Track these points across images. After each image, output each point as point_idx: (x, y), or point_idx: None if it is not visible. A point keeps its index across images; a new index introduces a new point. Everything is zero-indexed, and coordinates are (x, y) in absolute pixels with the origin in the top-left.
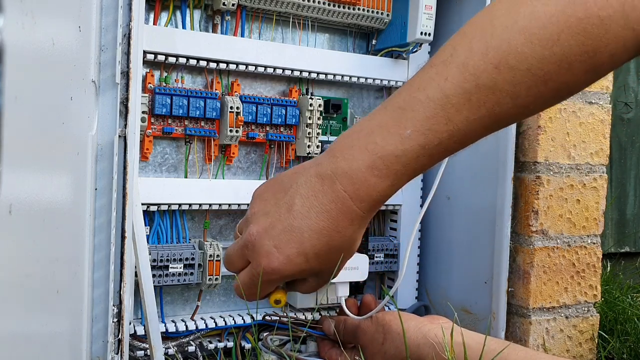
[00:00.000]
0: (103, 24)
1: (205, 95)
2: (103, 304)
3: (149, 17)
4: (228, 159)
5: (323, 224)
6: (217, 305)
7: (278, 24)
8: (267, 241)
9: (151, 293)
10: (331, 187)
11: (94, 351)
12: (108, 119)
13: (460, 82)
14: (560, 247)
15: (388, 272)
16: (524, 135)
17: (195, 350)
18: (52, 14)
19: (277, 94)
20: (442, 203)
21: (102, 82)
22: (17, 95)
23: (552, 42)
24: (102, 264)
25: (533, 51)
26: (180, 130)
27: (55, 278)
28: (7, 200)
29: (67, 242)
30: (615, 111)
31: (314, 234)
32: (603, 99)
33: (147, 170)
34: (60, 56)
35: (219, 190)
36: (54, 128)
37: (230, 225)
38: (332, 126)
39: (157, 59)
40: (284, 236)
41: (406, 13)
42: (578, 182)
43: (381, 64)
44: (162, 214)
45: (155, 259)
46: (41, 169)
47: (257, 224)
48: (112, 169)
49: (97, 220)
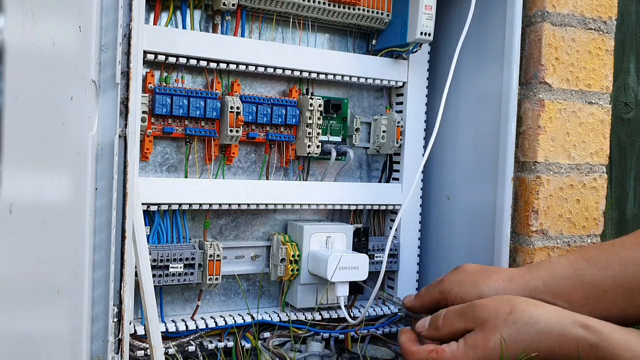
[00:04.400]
0: (103, 24)
1: (206, 95)
2: (103, 303)
3: (149, 17)
4: (228, 159)
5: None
6: (217, 305)
7: (278, 24)
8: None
9: (151, 293)
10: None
11: (94, 351)
12: (108, 119)
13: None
14: (560, 247)
15: (388, 272)
16: (524, 135)
17: (195, 350)
18: (53, 14)
19: (277, 94)
20: (442, 203)
21: (103, 82)
22: (18, 95)
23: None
24: (102, 263)
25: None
26: (180, 130)
27: (55, 278)
28: (7, 200)
29: (67, 242)
30: (615, 111)
31: None
32: (603, 99)
33: (147, 170)
34: (60, 56)
35: (219, 190)
36: (54, 128)
37: (230, 225)
38: (332, 126)
39: (157, 59)
40: None
41: (406, 13)
42: (578, 182)
43: (381, 64)
44: (163, 214)
45: (156, 258)
46: (41, 169)
47: None
48: (112, 168)
49: (97, 220)
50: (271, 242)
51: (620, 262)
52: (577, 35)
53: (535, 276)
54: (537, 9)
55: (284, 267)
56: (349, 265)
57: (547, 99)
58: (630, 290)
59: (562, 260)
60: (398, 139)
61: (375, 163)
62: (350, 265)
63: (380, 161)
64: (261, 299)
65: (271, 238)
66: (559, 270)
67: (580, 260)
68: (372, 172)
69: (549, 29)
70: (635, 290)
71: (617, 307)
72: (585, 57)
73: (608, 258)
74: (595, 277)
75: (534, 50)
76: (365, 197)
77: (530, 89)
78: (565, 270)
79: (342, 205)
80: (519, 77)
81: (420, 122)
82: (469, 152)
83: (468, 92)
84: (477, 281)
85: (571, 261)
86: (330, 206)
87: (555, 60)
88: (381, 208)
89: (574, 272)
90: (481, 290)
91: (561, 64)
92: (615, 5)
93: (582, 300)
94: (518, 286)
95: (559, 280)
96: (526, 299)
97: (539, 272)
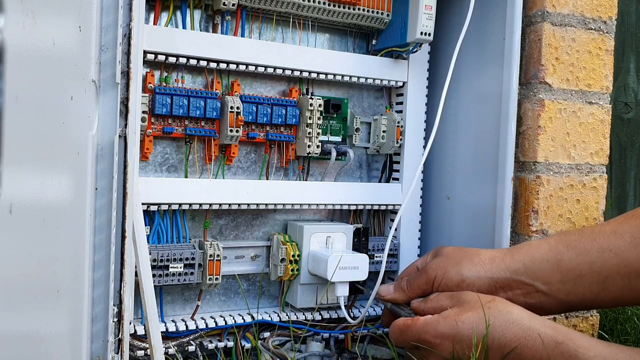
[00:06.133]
0: (103, 24)
1: (206, 95)
2: (103, 303)
3: (149, 17)
4: (228, 158)
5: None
6: (217, 304)
7: (278, 24)
8: None
9: (151, 293)
10: None
11: (94, 351)
12: (108, 119)
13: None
14: None
15: (388, 272)
16: (524, 135)
17: (195, 349)
18: (53, 14)
19: (277, 94)
20: (442, 203)
21: (103, 82)
22: (18, 95)
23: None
24: (102, 263)
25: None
26: (180, 130)
27: (55, 278)
28: (7, 200)
29: (67, 242)
30: (615, 111)
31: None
32: (603, 99)
33: (147, 170)
34: (60, 56)
35: (219, 190)
36: (54, 128)
37: (230, 225)
38: (332, 126)
39: (157, 59)
40: None
41: (406, 13)
42: (578, 182)
43: (381, 64)
44: (163, 214)
45: (156, 258)
46: (41, 169)
47: None
48: (112, 168)
49: (97, 220)
50: (271, 242)
51: (598, 248)
52: (577, 35)
53: (516, 259)
54: (537, 9)
55: (284, 267)
56: (349, 265)
57: (547, 99)
58: (605, 276)
59: (543, 244)
60: (398, 139)
61: (375, 163)
62: (350, 265)
63: (380, 161)
64: (261, 299)
65: (271, 238)
66: (539, 254)
67: (560, 245)
68: (372, 172)
69: (549, 29)
70: (609, 276)
71: (592, 292)
72: (585, 57)
73: (587, 244)
74: (573, 262)
75: (534, 50)
76: (365, 197)
77: (530, 89)
78: (545, 255)
79: (342, 205)
80: (519, 77)
81: (420, 122)
82: (469, 152)
83: (468, 92)
84: (460, 264)
85: (551, 246)
86: (330, 206)
87: (555, 60)
88: (381, 208)
89: (554, 257)
90: (463, 274)
91: (561, 64)
92: (615, 5)
93: (559, 283)
94: (499, 268)
95: (539, 264)
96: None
97: (519, 255)
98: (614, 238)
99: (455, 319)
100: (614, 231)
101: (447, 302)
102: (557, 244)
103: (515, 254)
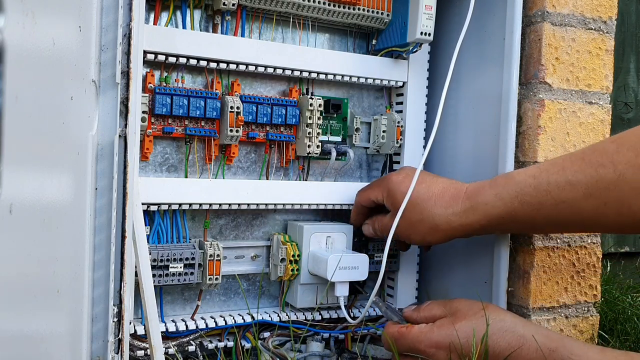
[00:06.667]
0: (103, 24)
1: (206, 95)
2: (103, 303)
3: (149, 17)
4: (228, 158)
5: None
6: (217, 304)
7: (278, 24)
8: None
9: (151, 293)
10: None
11: (94, 350)
12: (108, 119)
13: None
14: (560, 247)
15: (388, 272)
16: (524, 135)
17: (195, 349)
18: (53, 14)
19: (277, 93)
20: None
21: (103, 82)
22: (18, 95)
23: None
24: (102, 263)
25: None
26: (180, 130)
27: (55, 278)
28: (7, 200)
29: (67, 242)
30: (615, 111)
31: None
32: (603, 99)
33: (147, 170)
34: (60, 56)
35: (219, 190)
36: (54, 128)
37: (230, 225)
38: (332, 126)
39: (157, 59)
40: None
41: (406, 13)
42: None
43: (381, 64)
44: (163, 214)
45: (156, 258)
46: (41, 169)
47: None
48: (112, 168)
49: (97, 220)
50: (271, 242)
51: (552, 202)
52: (577, 35)
53: (471, 219)
54: (537, 8)
55: (284, 267)
56: (349, 265)
57: (547, 99)
58: (560, 224)
59: (497, 203)
60: (398, 138)
61: (375, 163)
62: (350, 265)
63: (380, 161)
64: (261, 299)
65: (271, 238)
66: (494, 213)
67: (515, 202)
68: (372, 172)
69: (549, 28)
70: (563, 224)
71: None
72: (585, 57)
73: (541, 199)
74: (528, 216)
75: (534, 50)
76: None
77: (530, 89)
78: (500, 212)
79: (342, 205)
80: (519, 77)
81: (420, 122)
82: (469, 152)
83: (468, 92)
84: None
85: (506, 203)
86: (330, 206)
87: (555, 60)
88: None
89: (508, 214)
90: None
91: (561, 64)
92: (615, 5)
93: (515, 231)
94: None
95: (495, 223)
96: (502, 307)
97: (475, 216)
98: (569, 190)
99: (448, 327)
100: (568, 182)
101: (440, 311)
102: (512, 201)
103: (471, 215)
